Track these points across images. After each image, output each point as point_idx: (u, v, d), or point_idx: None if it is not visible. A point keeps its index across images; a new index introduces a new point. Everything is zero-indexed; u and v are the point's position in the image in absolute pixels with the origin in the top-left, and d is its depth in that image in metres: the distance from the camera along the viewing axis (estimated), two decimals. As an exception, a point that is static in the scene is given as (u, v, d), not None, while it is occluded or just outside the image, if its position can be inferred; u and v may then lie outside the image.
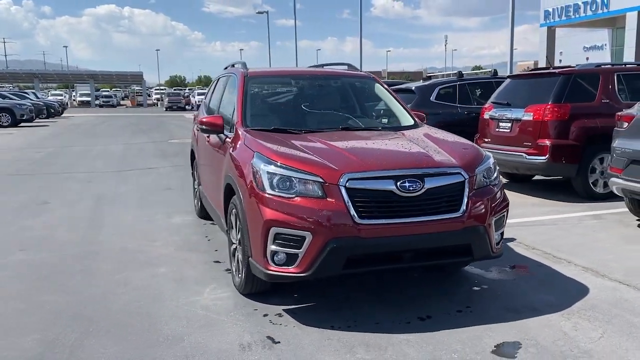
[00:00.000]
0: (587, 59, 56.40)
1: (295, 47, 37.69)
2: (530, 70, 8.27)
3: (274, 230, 3.45)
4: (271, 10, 48.08)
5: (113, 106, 60.90)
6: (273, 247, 3.48)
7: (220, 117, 4.69)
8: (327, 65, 5.99)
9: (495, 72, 10.68)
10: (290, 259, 3.48)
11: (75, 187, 9.01)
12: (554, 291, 4.12)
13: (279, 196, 3.49)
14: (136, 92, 71.07)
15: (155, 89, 77.55)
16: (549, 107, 7.24)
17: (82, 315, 3.77)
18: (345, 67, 5.80)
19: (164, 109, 49.35)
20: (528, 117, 7.43)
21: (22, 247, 5.50)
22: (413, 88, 9.88)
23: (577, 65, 8.11)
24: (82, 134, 21.19)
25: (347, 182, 3.43)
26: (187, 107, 49.93)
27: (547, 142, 7.17)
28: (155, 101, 65.75)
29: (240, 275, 4.05)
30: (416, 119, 4.94)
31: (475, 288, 4.23)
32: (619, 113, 5.90)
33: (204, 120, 4.73)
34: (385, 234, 3.44)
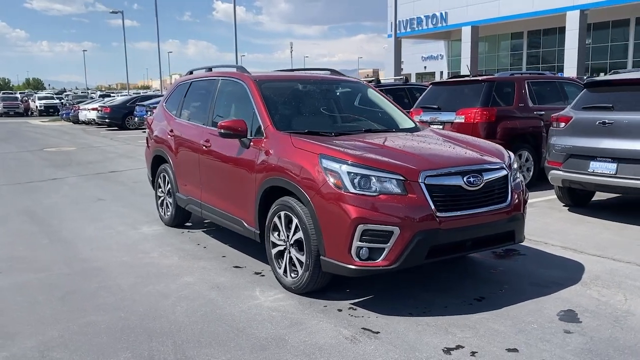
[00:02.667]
0: (425, 67, 61.71)
1: (158, 49, 36.25)
2: (450, 78, 9.18)
3: (361, 227, 3.63)
4: (105, 9, 45.64)
5: None
6: (359, 243, 3.66)
7: (244, 121, 4.68)
8: (310, 70, 6.18)
9: (407, 79, 11.60)
10: (374, 253, 3.69)
11: (-13, 203, 8.05)
12: (557, 267, 4.79)
13: (363, 195, 3.68)
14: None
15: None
16: (478, 110, 8.14)
17: (153, 330, 3.60)
18: (328, 72, 6.05)
19: (-2, 115, 44.39)
20: (460, 119, 8.27)
21: (3, 269, 4.93)
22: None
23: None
24: None
25: (425, 178, 3.74)
26: (27, 113, 45.47)
27: (478, 142, 8.04)
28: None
29: (295, 275, 4.14)
30: (416, 121, 5.37)
31: (493, 271, 4.76)
32: (555, 115, 6.89)
33: (225, 124, 4.67)
34: (457, 225, 3.81)
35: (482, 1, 38.07)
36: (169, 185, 6.28)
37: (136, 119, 21.86)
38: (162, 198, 6.57)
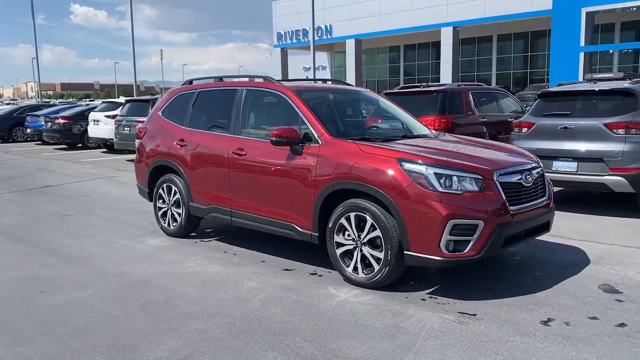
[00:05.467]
0: (307, 77, 63.26)
1: (37, 53, 33.52)
2: (402, 88, 9.91)
3: (452, 222, 4.05)
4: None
5: None
6: (449, 237, 4.08)
7: (295, 129, 4.89)
8: (314, 80, 6.46)
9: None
10: (459, 245, 4.13)
11: None
12: (562, 252, 5.55)
13: (450, 193, 4.11)
14: None
15: None
16: (436, 118, 8.91)
17: (271, 330, 3.74)
18: (331, 81, 6.40)
19: None
20: (420, 126, 8.98)
21: (43, 288, 4.66)
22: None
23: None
24: None
25: (498, 177, 4.26)
26: None
27: (438, 147, 8.82)
28: None
29: (369, 271, 4.45)
30: (429, 128, 5.91)
31: (516, 258, 5.41)
32: (518, 121, 7.82)
33: (278, 132, 4.84)
34: (521, 217, 4.37)
35: (364, 16, 40.18)
36: (177, 196, 6.20)
37: (29, 130, 20.18)
38: (164, 209, 6.44)
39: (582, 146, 7.03)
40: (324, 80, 6.42)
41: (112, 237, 6.45)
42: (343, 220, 4.59)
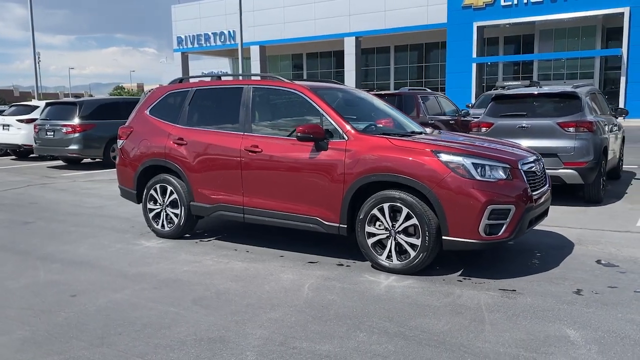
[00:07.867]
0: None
1: None
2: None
3: (490, 207, 4.44)
4: None
5: None
6: (487, 222, 4.46)
7: (320, 126, 5.05)
8: (323, 80, 6.63)
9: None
10: (494, 229, 4.52)
11: None
12: (546, 237, 6.14)
13: (487, 181, 4.50)
14: None
15: None
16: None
17: (344, 314, 3.90)
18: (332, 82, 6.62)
19: None
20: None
21: (71, 292, 4.43)
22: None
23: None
24: None
25: (522, 166, 4.72)
26: None
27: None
28: None
29: (404, 257, 4.73)
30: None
31: (510, 243, 5.90)
32: (476, 122, 8.47)
33: (304, 129, 4.98)
34: (538, 202, 4.87)
35: (268, 23, 40.49)
36: (174, 196, 6.07)
37: None
38: (156, 211, 6.26)
39: (538, 143, 7.78)
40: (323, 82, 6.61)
41: (100, 241, 6.17)
42: (375, 211, 4.82)
